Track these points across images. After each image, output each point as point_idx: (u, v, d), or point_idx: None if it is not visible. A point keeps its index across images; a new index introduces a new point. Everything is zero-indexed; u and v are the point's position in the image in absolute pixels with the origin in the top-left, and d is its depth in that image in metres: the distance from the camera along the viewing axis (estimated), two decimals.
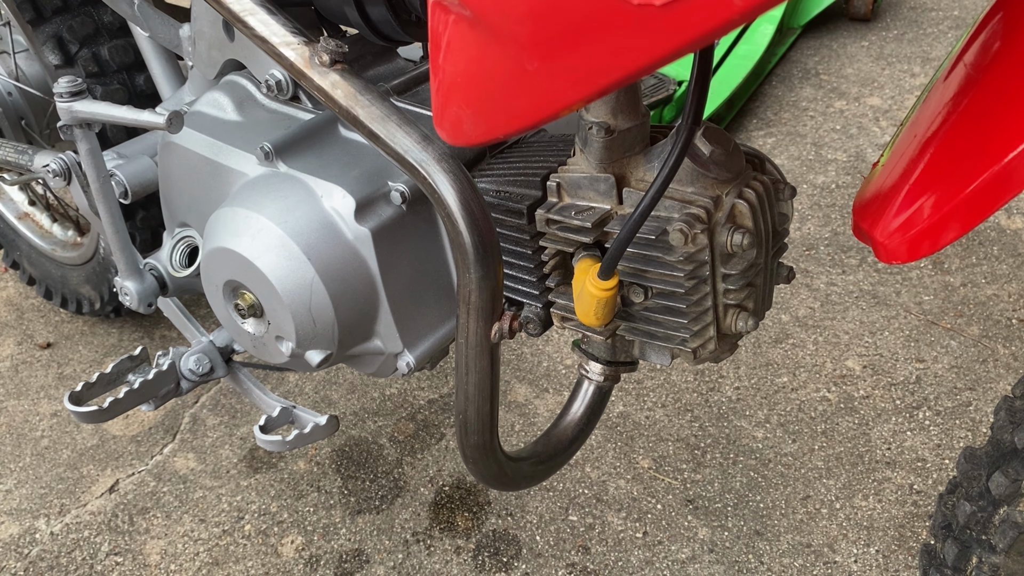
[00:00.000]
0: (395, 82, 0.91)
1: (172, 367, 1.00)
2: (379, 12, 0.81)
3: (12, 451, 1.47)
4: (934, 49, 2.45)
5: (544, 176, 0.78)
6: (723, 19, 0.39)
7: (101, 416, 0.95)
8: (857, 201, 0.75)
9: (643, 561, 1.24)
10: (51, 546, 1.32)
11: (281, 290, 0.81)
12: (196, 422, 1.50)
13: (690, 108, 0.63)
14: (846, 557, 1.23)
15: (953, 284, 1.67)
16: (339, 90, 0.74)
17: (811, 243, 1.79)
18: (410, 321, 0.88)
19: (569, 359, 1.57)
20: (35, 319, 1.75)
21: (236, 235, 0.82)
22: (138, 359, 1.02)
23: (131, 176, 1.05)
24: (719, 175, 0.70)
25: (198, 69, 0.99)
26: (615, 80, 0.45)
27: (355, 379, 1.56)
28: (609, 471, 1.37)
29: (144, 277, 1.00)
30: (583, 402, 0.95)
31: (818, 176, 1.99)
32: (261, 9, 0.78)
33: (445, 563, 1.26)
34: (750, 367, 1.52)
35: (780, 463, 1.36)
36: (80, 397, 0.96)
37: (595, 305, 0.71)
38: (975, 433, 1.38)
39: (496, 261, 0.72)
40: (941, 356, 1.52)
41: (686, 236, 0.67)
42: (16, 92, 1.50)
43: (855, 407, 1.44)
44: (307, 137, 0.86)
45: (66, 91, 0.87)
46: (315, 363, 0.86)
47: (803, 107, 2.25)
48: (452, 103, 0.57)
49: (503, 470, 0.91)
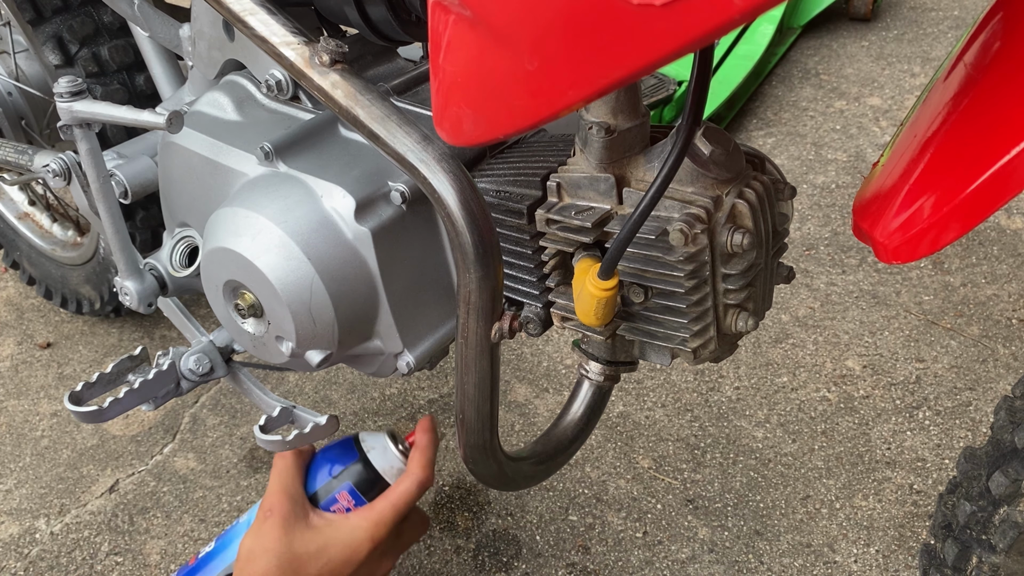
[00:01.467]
0: (395, 82, 0.91)
1: (172, 367, 1.00)
2: (379, 12, 0.81)
3: (12, 451, 1.47)
4: (934, 49, 2.45)
5: (544, 176, 0.78)
6: (723, 19, 0.39)
7: (101, 416, 0.95)
8: (857, 201, 0.75)
9: (643, 561, 1.25)
10: (51, 546, 1.32)
11: (281, 290, 0.81)
12: (196, 422, 1.50)
13: (690, 108, 0.63)
14: (846, 557, 1.23)
15: (953, 284, 1.67)
16: (339, 90, 0.74)
17: (811, 243, 1.79)
18: (410, 321, 0.88)
19: (569, 359, 1.57)
20: (35, 319, 1.75)
21: (236, 235, 0.82)
22: (138, 359, 1.02)
23: (131, 176, 1.05)
24: (719, 175, 0.70)
25: (198, 69, 0.99)
26: (615, 80, 0.45)
27: (355, 379, 1.56)
28: (609, 471, 1.37)
29: (144, 277, 1.00)
30: (583, 402, 0.95)
31: (818, 176, 1.99)
32: (261, 9, 0.78)
33: (445, 563, 1.26)
34: (750, 367, 1.52)
35: (780, 463, 1.36)
36: (80, 397, 0.96)
37: (595, 305, 0.71)
38: (975, 433, 1.38)
39: (496, 261, 0.72)
40: (941, 356, 1.52)
41: (686, 236, 0.67)
42: (16, 92, 1.50)
43: (855, 407, 1.44)
44: (307, 137, 0.86)
45: (66, 91, 0.87)
46: (315, 363, 0.86)
47: (803, 107, 2.25)
48: (452, 103, 0.56)
49: (503, 470, 0.91)
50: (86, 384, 0.97)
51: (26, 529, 1.34)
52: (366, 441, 1.01)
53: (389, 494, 0.96)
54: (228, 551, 1.01)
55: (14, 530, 1.34)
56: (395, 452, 1.00)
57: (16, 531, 1.34)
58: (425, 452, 0.98)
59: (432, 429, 1.00)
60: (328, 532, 0.93)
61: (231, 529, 1.04)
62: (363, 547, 0.93)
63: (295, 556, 0.91)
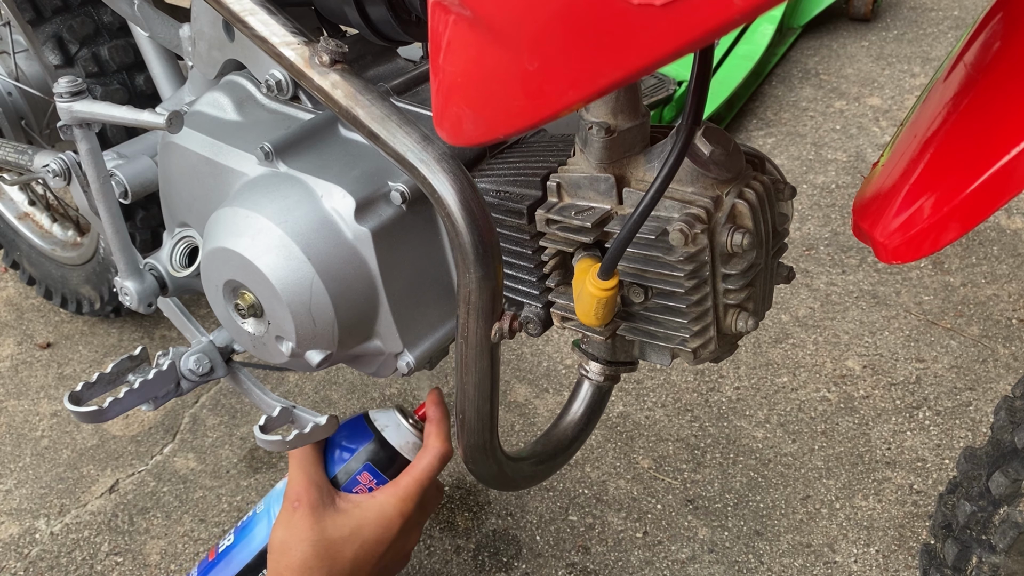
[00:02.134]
0: (395, 82, 0.91)
1: (172, 367, 1.00)
2: (379, 12, 0.81)
3: (12, 451, 1.47)
4: (934, 49, 2.45)
5: (544, 176, 0.78)
6: (723, 19, 0.39)
7: (101, 416, 0.95)
8: (857, 201, 0.75)
9: (643, 561, 1.25)
10: (51, 546, 1.32)
11: (281, 290, 0.81)
12: (196, 422, 1.50)
13: (690, 108, 0.63)
14: (846, 557, 1.23)
15: (953, 284, 1.67)
16: (339, 90, 0.74)
17: (811, 243, 1.79)
18: (410, 321, 0.88)
19: (569, 359, 1.57)
20: (35, 319, 1.75)
21: (236, 235, 0.82)
22: (138, 359, 1.02)
23: (131, 176, 1.05)
24: (719, 175, 0.70)
25: (198, 69, 0.99)
26: (615, 80, 0.45)
27: (355, 379, 1.56)
28: (609, 471, 1.37)
29: (144, 277, 0.99)
30: (583, 402, 0.95)
31: (818, 176, 1.99)
32: (261, 9, 0.78)
33: (445, 563, 1.26)
34: (750, 367, 1.52)
35: (780, 463, 1.36)
36: (80, 397, 0.96)
37: (595, 305, 0.71)
38: (975, 433, 1.38)
39: (496, 261, 0.72)
40: (941, 356, 1.52)
41: (686, 236, 0.67)
42: (16, 92, 1.50)
43: (855, 407, 1.44)
44: (307, 137, 0.86)
45: (66, 91, 0.87)
46: (315, 363, 0.86)
47: (803, 107, 2.25)
48: (452, 103, 0.56)
49: (503, 470, 0.91)
50: (86, 384, 0.97)
51: (26, 529, 1.34)
52: (378, 419, 1.02)
53: (412, 469, 0.97)
54: (249, 542, 1.02)
55: (14, 530, 1.34)
56: (408, 427, 1.01)
57: (16, 531, 1.34)
58: (440, 425, 0.99)
59: (442, 401, 1.02)
60: (358, 513, 0.94)
61: (249, 520, 1.04)
62: (395, 524, 0.94)
63: (330, 542, 0.92)
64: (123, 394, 0.97)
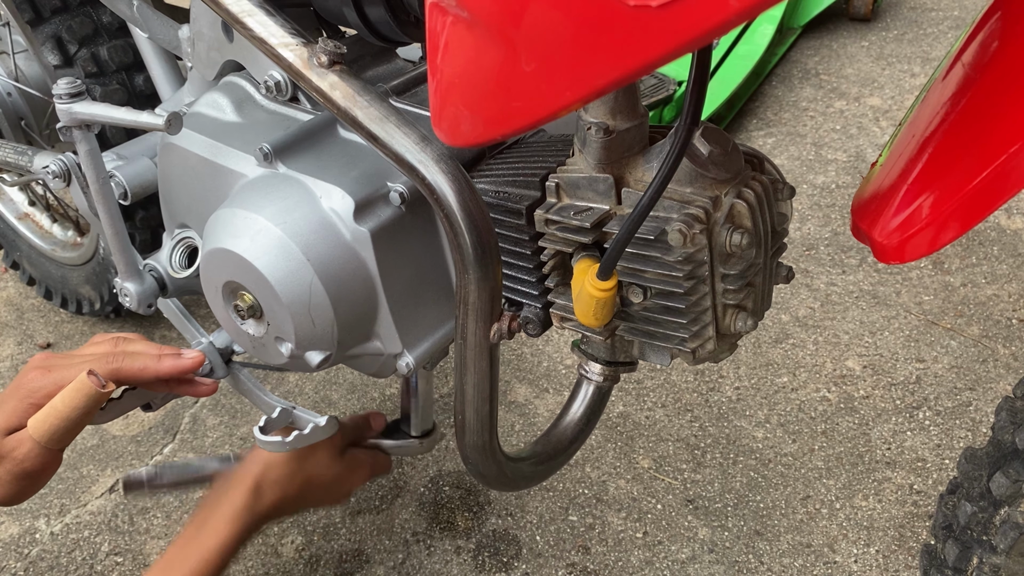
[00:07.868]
0: (394, 83, 0.90)
1: None
2: (378, 13, 0.81)
3: None
4: (934, 49, 2.44)
5: (543, 176, 0.78)
6: (720, 19, 0.39)
7: (101, 417, 0.95)
8: (856, 201, 0.75)
9: (643, 561, 1.24)
10: (51, 546, 1.32)
11: (280, 291, 0.81)
12: (196, 422, 1.50)
13: (688, 108, 0.63)
14: (846, 557, 1.23)
15: (953, 284, 1.67)
16: (337, 91, 0.74)
17: (811, 243, 1.79)
18: (409, 322, 0.88)
19: (569, 359, 1.57)
20: (35, 319, 1.75)
21: (235, 236, 0.82)
22: None
23: (130, 177, 1.05)
24: (718, 175, 0.70)
25: (197, 70, 0.99)
26: (612, 81, 0.45)
27: (355, 379, 1.56)
28: (609, 471, 1.37)
29: (144, 278, 1.00)
30: (583, 402, 0.94)
31: (818, 176, 1.99)
32: (259, 10, 0.78)
33: (445, 563, 1.26)
34: (750, 367, 1.52)
35: (780, 463, 1.36)
36: None
37: (594, 305, 0.71)
38: (975, 433, 1.38)
39: (495, 262, 0.72)
40: (941, 356, 1.52)
41: (685, 236, 0.67)
42: (16, 92, 1.51)
43: (855, 407, 1.44)
44: (306, 138, 0.86)
45: (65, 92, 0.87)
46: (315, 364, 0.86)
47: (803, 107, 2.25)
48: (450, 104, 0.57)
49: (503, 470, 0.91)
50: None
51: (26, 529, 1.35)
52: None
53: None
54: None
55: (14, 530, 1.34)
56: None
57: (16, 531, 1.34)
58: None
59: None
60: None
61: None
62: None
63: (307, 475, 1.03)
64: (123, 394, 0.97)
